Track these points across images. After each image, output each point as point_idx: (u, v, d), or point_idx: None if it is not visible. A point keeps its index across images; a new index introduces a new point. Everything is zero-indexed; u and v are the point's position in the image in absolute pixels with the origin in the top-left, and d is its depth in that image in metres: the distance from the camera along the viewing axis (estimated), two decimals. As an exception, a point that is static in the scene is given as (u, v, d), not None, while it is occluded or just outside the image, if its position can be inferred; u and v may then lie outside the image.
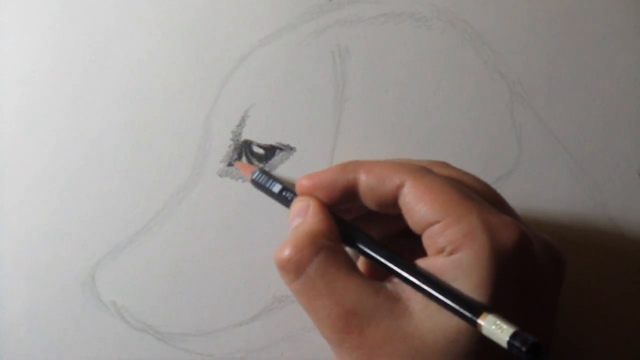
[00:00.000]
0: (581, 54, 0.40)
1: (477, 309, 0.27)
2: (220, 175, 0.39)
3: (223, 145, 0.39)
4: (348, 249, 0.33)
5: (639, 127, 0.40)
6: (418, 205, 0.30)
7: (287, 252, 0.31)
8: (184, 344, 0.38)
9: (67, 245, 0.38)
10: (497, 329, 0.27)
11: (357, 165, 0.33)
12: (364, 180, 0.32)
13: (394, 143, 0.39)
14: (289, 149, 0.39)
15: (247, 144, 0.39)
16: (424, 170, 0.31)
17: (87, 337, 0.38)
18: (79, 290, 0.38)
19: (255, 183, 0.37)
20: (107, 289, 0.38)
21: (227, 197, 0.39)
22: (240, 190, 0.39)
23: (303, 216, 0.33)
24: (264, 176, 0.37)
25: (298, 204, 0.33)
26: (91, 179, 0.39)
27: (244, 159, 0.39)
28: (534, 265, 0.30)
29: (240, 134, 0.39)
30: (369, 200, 0.32)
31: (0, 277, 0.38)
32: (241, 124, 0.39)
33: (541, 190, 0.39)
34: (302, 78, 0.39)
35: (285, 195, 0.35)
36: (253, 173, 0.37)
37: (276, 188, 0.36)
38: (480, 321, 0.27)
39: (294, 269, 0.31)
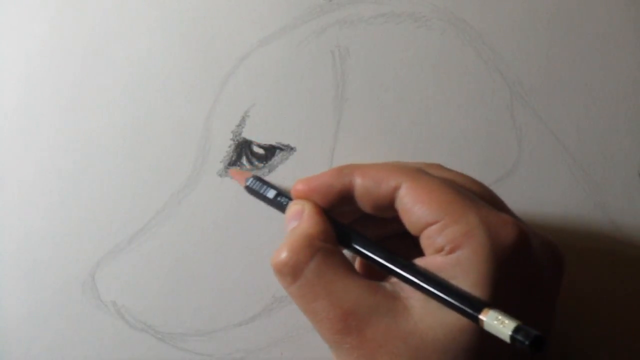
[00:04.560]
0: (581, 54, 0.40)
1: (478, 305, 0.27)
2: (220, 175, 0.39)
3: (223, 145, 0.39)
4: (345, 252, 0.33)
5: (639, 127, 0.40)
6: (415, 207, 0.30)
7: (283, 256, 0.31)
8: (184, 344, 0.38)
9: (67, 245, 0.38)
10: (499, 323, 0.27)
11: (352, 168, 0.33)
12: (360, 184, 0.32)
13: (394, 143, 0.39)
14: (289, 149, 0.39)
15: (247, 144, 0.39)
16: (419, 172, 0.31)
17: (87, 337, 0.38)
18: (79, 290, 0.38)
19: (250, 190, 0.37)
20: (107, 289, 0.38)
21: (227, 197, 0.39)
22: (240, 190, 0.39)
23: (298, 219, 0.33)
24: (258, 182, 0.37)
25: (293, 207, 0.33)
26: (91, 178, 0.39)
27: (244, 159, 0.39)
28: (533, 262, 0.30)
29: (240, 134, 0.39)
30: (365, 203, 0.32)
31: (0, 277, 0.38)
32: (241, 124, 0.39)
33: (541, 190, 0.39)
34: (302, 78, 0.39)
35: (280, 200, 0.35)
36: (247, 180, 0.37)
37: (271, 194, 0.36)
38: (482, 317, 0.27)
39: (291, 272, 0.31)
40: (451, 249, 0.29)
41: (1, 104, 0.39)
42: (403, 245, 0.33)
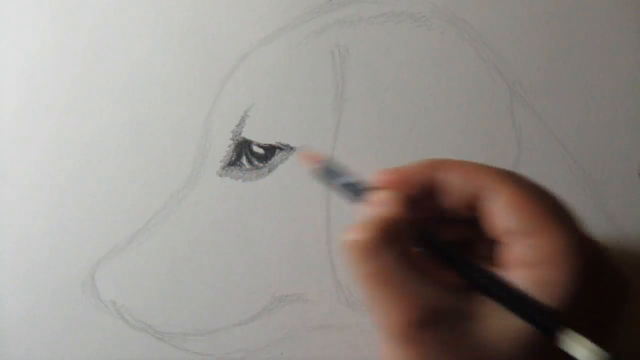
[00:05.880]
0: (581, 54, 0.40)
1: (559, 325, 0.27)
2: (220, 175, 0.39)
3: (223, 145, 0.39)
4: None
5: (639, 127, 0.40)
6: (505, 211, 0.29)
7: (364, 235, 0.29)
8: (184, 344, 0.38)
9: (67, 245, 0.38)
10: (579, 345, 0.26)
11: (441, 163, 0.31)
12: (448, 179, 0.30)
13: (394, 143, 0.39)
14: (289, 149, 0.39)
15: (247, 144, 0.39)
16: (511, 175, 0.30)
17: (87, 337, 0.38)
18: (79, 290, 0.38)
19: (322, 173, 0.33)
20: (107, 289, 0.38)
21: (227, 197, 0.39)
22: (240, 190, 0.39)
23: (383, 206, 0.30)
24: (335, 166, 0.33)
25: (379, 195, 0.31)
26: (91, 178, 0.39)
27: (244, 158, 0.39)
28: (612, 289, 0.29)
29: (240, 134, 0.39)
30: (449, 199, 0.31)
31: (0, 277, 0.38)
32: (241, 124, 0.39)
33: (541, 190, 0.39)
34: (302, 78, 0.39)
35: (358, 186, 0.32)
36: (321, 163, 0.33)
37: (349, 179, 0.32)
38: (561, 335, 0.27)
39: (366, 254, 0.29)
40: (537, 264, 0.28)
41: (1, 104, 0.39)
42: (476, 251, 0.31)
